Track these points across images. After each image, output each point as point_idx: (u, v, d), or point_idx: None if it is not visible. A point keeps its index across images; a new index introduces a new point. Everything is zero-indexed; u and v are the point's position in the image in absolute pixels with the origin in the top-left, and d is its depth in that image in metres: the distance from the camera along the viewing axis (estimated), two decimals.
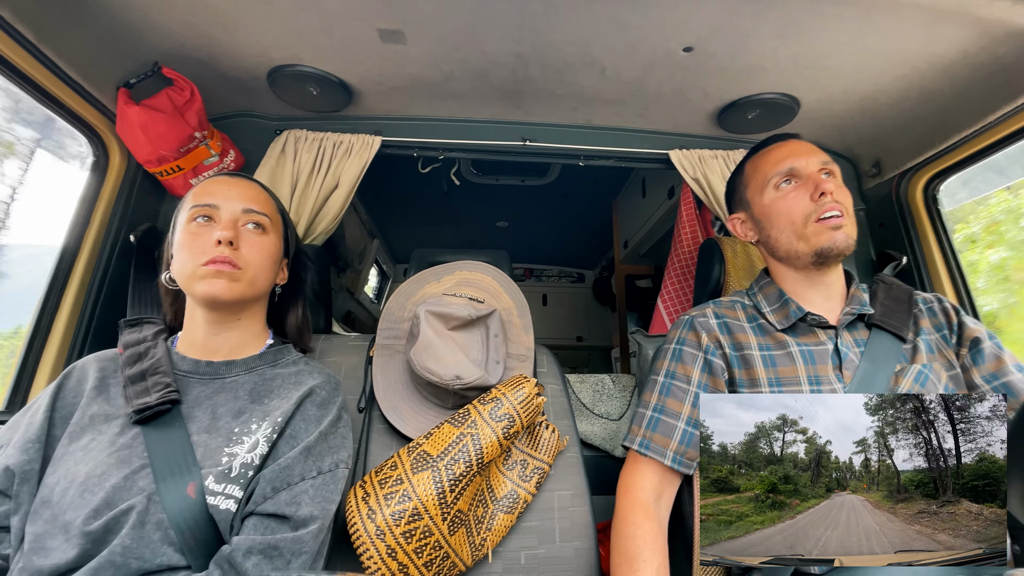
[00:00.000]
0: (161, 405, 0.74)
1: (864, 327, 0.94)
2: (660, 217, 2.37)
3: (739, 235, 1.07)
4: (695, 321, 1.00)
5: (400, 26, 1.02)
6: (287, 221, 0.95)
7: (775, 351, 0.94)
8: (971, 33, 0.96)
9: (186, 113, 1.13)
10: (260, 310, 0.90)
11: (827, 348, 0.92)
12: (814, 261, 0.93)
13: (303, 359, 0.91)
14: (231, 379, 0.83)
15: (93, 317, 1.12)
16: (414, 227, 3.37)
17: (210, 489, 0.70)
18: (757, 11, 0.94)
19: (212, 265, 0.77)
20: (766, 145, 1.04)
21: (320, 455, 0.77)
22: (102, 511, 0.65)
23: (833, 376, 0.89)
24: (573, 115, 1.37)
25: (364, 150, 1.33)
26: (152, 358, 0.81)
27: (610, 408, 1.84)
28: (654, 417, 0.94)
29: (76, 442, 0.72)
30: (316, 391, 0.83)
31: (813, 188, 0.93)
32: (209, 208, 0.81)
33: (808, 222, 0.93)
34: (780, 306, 0.97)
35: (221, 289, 0.77)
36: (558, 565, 0.99)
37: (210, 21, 1.02)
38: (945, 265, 1.34)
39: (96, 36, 1.01)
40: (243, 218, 0.82)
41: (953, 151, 1.26)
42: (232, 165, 1.29)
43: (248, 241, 0.82)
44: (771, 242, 0.99)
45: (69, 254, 1.11)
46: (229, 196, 0.82)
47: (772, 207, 0.98)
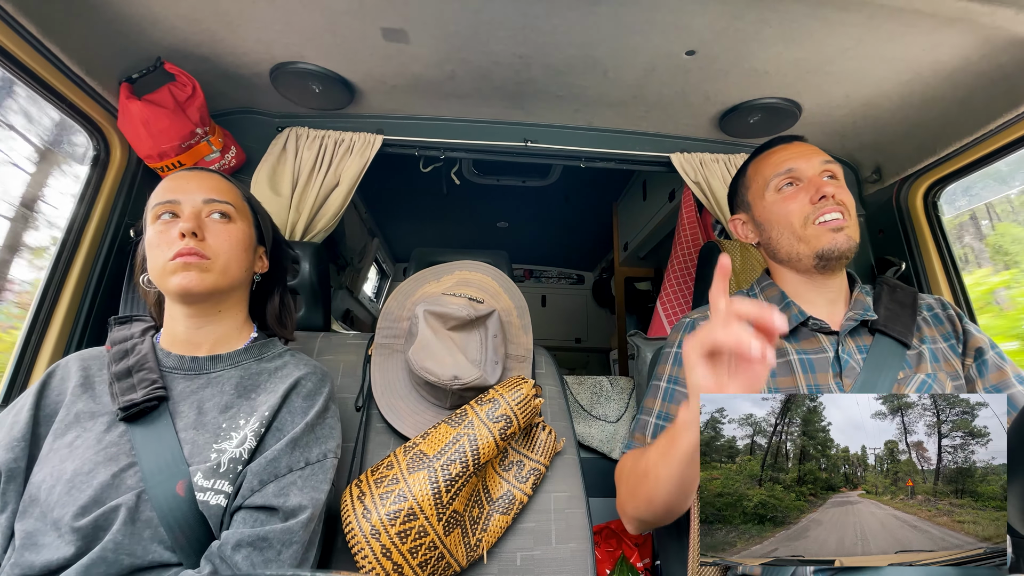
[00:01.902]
0: (147, 402, 0.74)
1: (867, 332, 0.92)
2: (660, 220, 2.37)
3: (740, 236, 1.06)
4: (697, 324, 0.99)
5: (403, 25, 1.02)
6: (256, 208, 0.93)
7: (777, 359, 0.92)
8: (973, 41, 0.96)
9: (188, 109, 1.13)
10: (240, 302, 0.89)
11: (827, 356, 0.90)
12: (816, 264, 0.91)
13: (289, 352, 0.91)
14: (217, 374, 0.82)
15: (91, 312, 1.12)
16: (414, 226, 3.37)
17: (199, 485, 0.69)
18: (760, 16, 0.94)
19: (180, 258, 0.77)
20: (769, 147, 1.03)
21: (307, 446, 0.77)
22: (90, 508, 0.65)
23: (833, 384, 0.87)
24: (575, 117, 1.37)
25: (365, 148, 1.32)
26: (138, 354, 0.80)
27: (608, 410, 1.83)
28: (659, 425, 0.91)
29: (61, 439, 0.72)
30: (302, 382, 0.82)
31: (814, 191, 0.91)
32: (171, 204, 0.81)
33: (807, 224, 0.91)
34: (782, 309, 0.95)
35: (192, 281, 0.77)
36: (554, 567, 0.99)
37: (213, 17, 1.02)
38: (944, 272, 1.34)
39: (99, 30, 1.01)
40: (205, 209, 0.82)
41: (954, 158, 1.26)
42: (233, 161, 1.29)
43: (214, 231, 0.81)
44: (772, 244, 0.98)
45: (68, 248, 1.10)
46: (188, 189, 0.82)
47: (772, 209, 0.97)
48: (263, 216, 0.95)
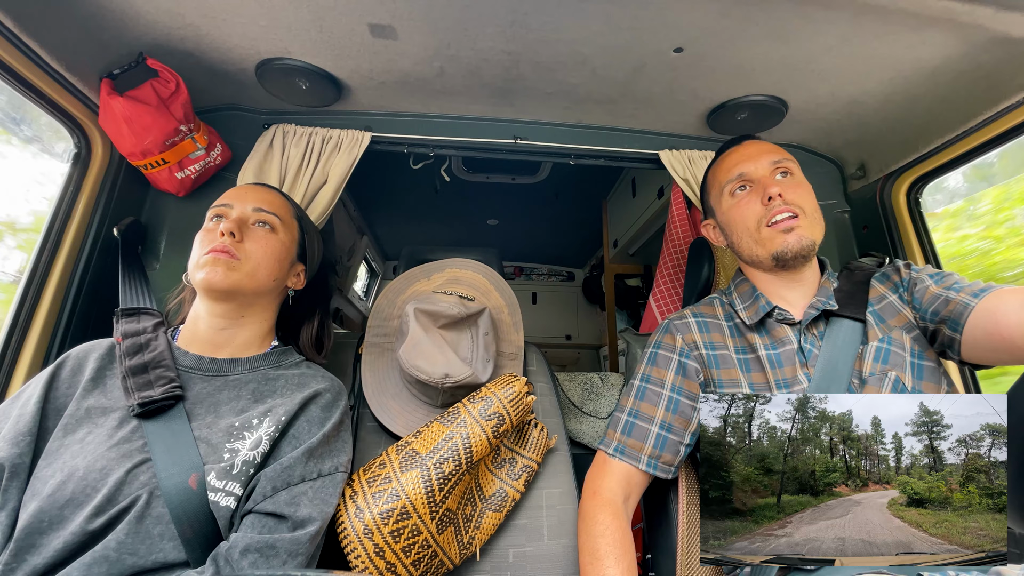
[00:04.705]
0: (165, 400, 0.73)
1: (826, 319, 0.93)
2: (650, 217, 2.38)
3: (712, 240, 1.09)
4: (671, 324, 1.01)
5: (391, 21, 1.01)
6: (306, 228, 0.96)
7: (748, 355, 0.94)
8: (954, 39, 0.98)
9: (171, 105, 1.11)
10: (265, 311, 0.90)
11: (793, 347, 0.91)
12: (775, 264, 0.93)
13: (306, 363, 0.92)
14: (234, 377, 0.82)
15: (74, 313, 1.10)
16: (404, 224, 3.35)
17: (211, 485, 0.69)
18: (747, 14, 0.95)
19: (212, 253, 0.80)
20: (724, 151, 1.05)
21: (321, 457, 0.78)
22: (105, 508, 0.65)
23: (801, 375, 0.88)
24: (564, 114, 1.37)
25: (354, 145, 1.31)
26: (154, 351, 0.80)
27: (598, 406, 1.85)
28: (629, 421, 0.93)
29: (72, 435, 0.71)
30: (322, 394, 0.83)
31: (763, 192, 0.93)
32: (224, 208, 0.87)
33: (761, 227, 0.93)
34: (752, 302, 0.98)
35: (217, 276, 0.79)
36: (546, 562, 1.00)
37: (197, 11, 1.00)
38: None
39: (79, 25, 0.99)
40: (253, 216, 0.87)
41: (936, 155, 1.29)
42: (219, 159, 1.27)
43: (253, 236, 0.85)
44: (735, 247, 1.01)
45: (50, 248, 1.08)
46: (243, 198, 0.88)
47: (729, 215, 0.99)
48: (311, 236, 0.97)
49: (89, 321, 1.12)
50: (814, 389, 0.86)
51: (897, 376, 0.84)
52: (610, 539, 0.81)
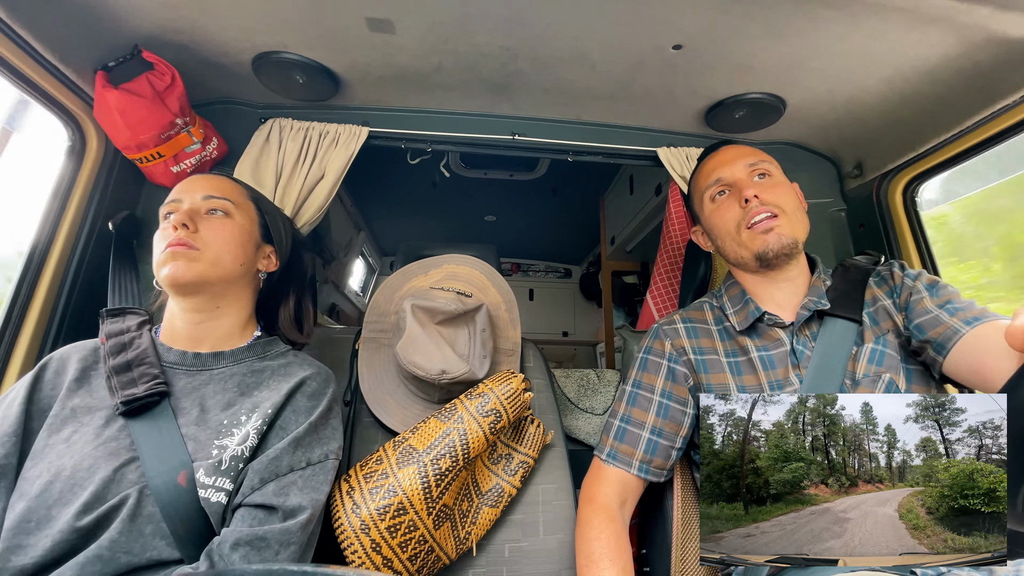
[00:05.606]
0: (149, 397, 0.73)
1: (819, 318, 0.93)
2: (647, 214, 2.39)
3: (702, 246, 1.10)
4: (660, 329, 1.02)
5: (389, 15, 1.00)
6: (264, 208, 0.94)
7: (739, 358, 0.94)
8: (952, 38, 0.98)
9: (167, 98, 1.10)
10: (240, 299, 0.88)
11: (785, 349, 0.91)
12: (759, 265, 0.93)
13: (292, 352, 0.91)
14: (219, 371, 0.82)
15: (68, 308, 1.09)
16: (401, 220, 3.34)
17: (201, 482, 0.69)
18: (746, 11, 0.95)
19: (169, 248, 0.79)
20: (703, 158, 1.07)
21: (310, 446, 0.77)
22: (93, 506, 0.64)
23: (793, 377, 0.88)
24: (563, 110, 1.37)
25: (351, 140, 1.31)
26: (137, 348, 0.79)
27: (595, 403, 1.85)
28: (621, 427, 0.94)
29: (57, 435, 0.70)
30: (307, 382, 0.82)
31: (740, 195, 0.94)
32: (173, 203, 0.84)
33: (741, 229, 0.94)
34: (742, 307, 0.98)
35: (179, 270, 0.78)
36: (541, 557, 1.00)
37: (193, 4, 0.99)
38: (922, 265, 1.38)
39: (74, 17, 0.97)
40: (203, 205, 0.84)
41: (932, 154, 1.29)
42: (215, 153, 1.26)
43: (208, 224, 0.83)
44: (721, 251, 1.02)
45: (43, 242, 1.07)
46: (191, 189, 0.85)
47: (711, 220, 1.00)
48: (272, 215, 0.95)
49: (84, 316, 1.11)
50: (806, 390, 0.86)
51: (891, 378, 0.85)
52: (605, 543, 0.82)
